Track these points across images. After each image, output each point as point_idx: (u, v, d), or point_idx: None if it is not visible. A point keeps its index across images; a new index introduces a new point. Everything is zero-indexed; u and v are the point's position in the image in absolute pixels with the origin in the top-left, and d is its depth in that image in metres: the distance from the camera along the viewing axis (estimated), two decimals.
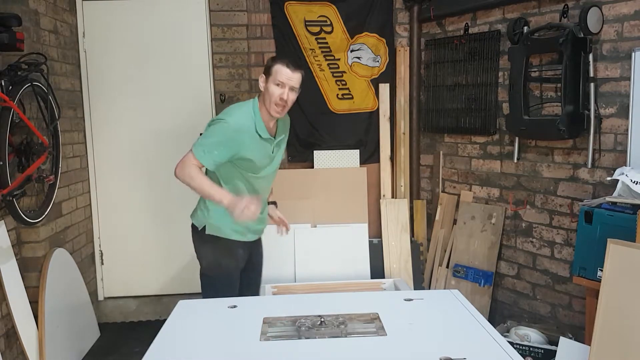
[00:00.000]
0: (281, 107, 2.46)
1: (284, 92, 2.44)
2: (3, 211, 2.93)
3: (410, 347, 1.58)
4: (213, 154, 2.40)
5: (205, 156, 2.40)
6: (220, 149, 2.40)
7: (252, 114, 2.49)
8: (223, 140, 2.41)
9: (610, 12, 2.91)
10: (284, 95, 2.43)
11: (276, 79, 2.44)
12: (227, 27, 4.05)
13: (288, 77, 2.44)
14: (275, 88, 2.44)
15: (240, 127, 2.43)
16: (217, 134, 2.43)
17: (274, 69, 2.46)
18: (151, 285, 4.24)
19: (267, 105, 2.47)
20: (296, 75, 2.46)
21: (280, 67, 2.45)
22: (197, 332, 1.71)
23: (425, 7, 4.03)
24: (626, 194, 2.62)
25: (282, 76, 2.43)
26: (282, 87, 2.44)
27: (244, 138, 2.43)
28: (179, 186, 4.16)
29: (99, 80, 4.06)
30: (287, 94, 2.45)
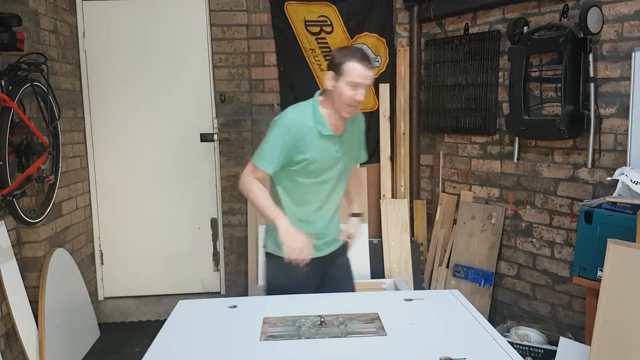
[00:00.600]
0: (354, 107, 2.21)
1: (358, 93, 2.15)
2: (3, 211, 2.93)
3: (410, 347, 1.58)
4: (269, 156, 2.22)
5: (261, 160, 2.23)
6: (276, 149, 2.21)
7: (311, 110, 2.26)
8: (278, 139, 2.21)
9: (610, 12, 2.91)
10: (359, 97, 2.16)
11: (350, 79, 2.14)
12: (227, 27, 4.05)
13: (364, 77, 2.14)
14: (347, 89, 2.15)
15: (295, 123, 2.22)
16: (272, 135, 2.24)
17: (347, 67, 2.14)
18: (151, 285, 4.24)
19: (337, 105, 2.21)
20: (371, 72, 2.17)
21: (354, 65, 2.13)
22: (197, 332, 1.71)
23: (425, 7, 4.03)
24: (626, 194, 2.62)
25: (357, 77, 2.13)
26: (356, 87, 2.15)
27: (301, 134, 2.21)
28: (178, 186, 4.19)
29: (99, 80, 4.06)
30: (363, 94, 2.17)
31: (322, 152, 2.24)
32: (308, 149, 2.21)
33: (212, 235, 4.27)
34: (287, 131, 2.21)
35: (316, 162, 2.24)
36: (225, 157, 4.15)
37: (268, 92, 4.19)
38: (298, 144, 2.20)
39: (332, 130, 2.24)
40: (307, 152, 2.21)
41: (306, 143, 2.21)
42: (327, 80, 2.21)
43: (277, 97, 4.20)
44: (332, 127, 2.24)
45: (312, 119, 2.23)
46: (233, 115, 4.12)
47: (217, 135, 4.14)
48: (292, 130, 2.20)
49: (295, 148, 2.20)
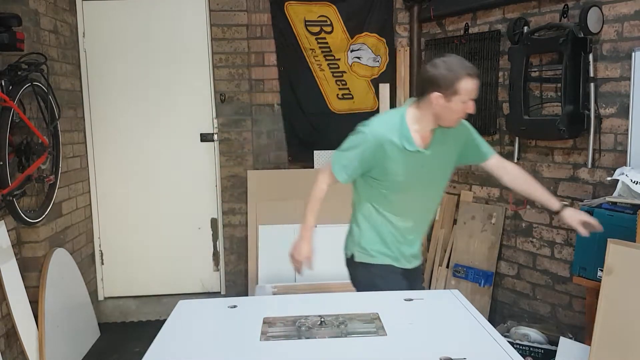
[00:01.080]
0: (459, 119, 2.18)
1: (470, 105, 2.10)
2: (3, 211, 2.93)
3: (410, 347, 1.57)
4: (345, 166, 2.21)
5: (337, 168, 2.23)
6: (355, 160, 2.18)
7: (397, 124, 2.17)
8: (358, 151, 2.17)
9: (610, 12, 2.91)
10: (470, 109, 2.11)
11: (465, 97, 2.07)
12: (227, 27, 4.05)
13: (476, 89, 2.10)
14: (461, 105, 2.09)
15: (380, 137, 2.15)
16: (352, 145, 2.20)
17: (462, 87, 2.05)
18: (151, 285, 4.24)
19: (443, 121, 2.14)
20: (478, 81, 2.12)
21: (468, 82, 2.06)
22: (197, 332, 1.71)
23: (425, 7, 4.03)
24: (626, 194, 2.62)
25: (472, 92, 2.08)
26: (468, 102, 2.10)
27: (384, 149, 2.15)
28: (178, 186, 4.19)
29: (99, 80, 4.06)
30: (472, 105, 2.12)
31: (405, 166, 2.18)
32: (390, 164, 2.16)
33: (212, 235, 4.26)
34: (369, 144, 2.16)
35: (399, 177, 2.19)
36: (225, 157, 4.15)
37: (268, 92, 4.19)
38: (380, 159, 2.16)
39: (418, 146, 2.17)
40: (390, 167, 2.17)
41: (390, 159, 2.16)
42: (436, 102, 2.08)
43: (277, 97, 4.20)
44: (419, 142, 2.17)
45: (397, 133, 2.16)
46: (233, 115, 4.12)
47: (217, 135, 4.14)
48: (375, 144, 2.15)
49: (375, 162, 2.17)
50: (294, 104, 4.19)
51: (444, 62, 2.08)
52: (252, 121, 4.18)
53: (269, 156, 4.24)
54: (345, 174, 2.22)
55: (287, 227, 3.99)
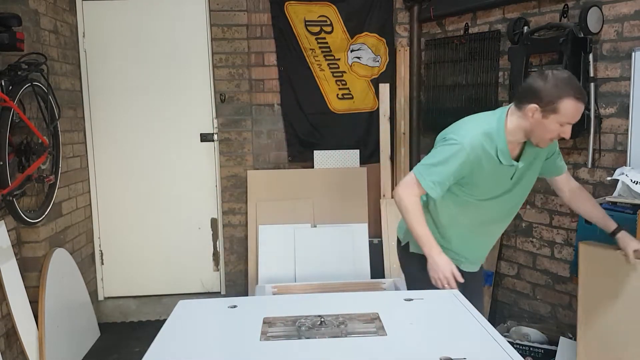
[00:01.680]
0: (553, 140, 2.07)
1: (566, 130, 1.97)
2: (3, 211, 2.93)
3: (410, 347, 1.57)
4: (440, 183, 2.05)
5: (429, 184, 2.05)
6: (450, 175, 2.04)
7: (494, 134, 2.04)
8: (455, 166, 2.03)
9: (610, 12, 2.91)
10: (567, 134, 1.97)
11: (564, 119, 1.94)
12: (227, 27, 4.05)
13: (579, 115, 1.95)
14: (557, 127, 1.96)
15: (478, 149, 2.02)
16: (449, 160, 2.03)
17: (563, 107, 1.92)
18: (151, 285, 4.24)
19: (534, 138, 2.03)
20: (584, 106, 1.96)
21: (571, 103, 1.91)
22: (197, 332, 1.71)
23: (425, 7, 4.03)
24: (626, 193, 2.62)
25: (573, 117, 1.94)
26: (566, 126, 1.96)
27: (480, 161, 2.04)
28: (178, 186, 4.19)
29: (99, 80, 4.06)
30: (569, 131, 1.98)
31: (495, 179, 2.10)
32: (482, 176, 2.08)
33: (212, 235, 4.27)
34: (466, 157, 2.02)
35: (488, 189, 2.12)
36: (225, 157, 4.15)
37: (268, 92, 4.19)
38: (474, 170, 2.06)
39: (512, 159, 2.08)
40: (481, 179, 2.09)
41: (483, 169, 2.06)
42: (531, 113, 1.97)
43: (277, 97, 4.20)
44: (512, 155, 2.08)
45: (494, 145, 2.04)
46: (233, 115, 4.13)
47: (217, 135, 4.14)
48: (472, 156, 2.03)
49: (469, 173, 2.07)
50: (294, 104, 4.19)
51: (554, 76, 1.95)
52: (252, 121, 4.18)
53: (269, 156, 4.24)
54: (441, 189, 2.07)
55: (287, 227, 4.00)
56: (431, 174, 2.05)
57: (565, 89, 1.91)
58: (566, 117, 1.93)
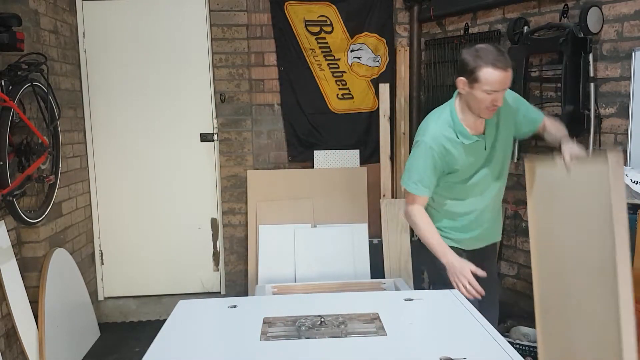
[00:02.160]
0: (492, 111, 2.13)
1: (498, 98, 2.06)
2: (3, 211, 2.93)
3: (410, 347, 1.58)
4: (423, 180, 2.21)
5: (418, 187, 2.22)
6: (427, 172, 2.20)
7: (450, 122, 2.20)
8: (427, 162, 2.19)
9: (610, 12, 2.90)
10: (498, 102, 2.07)
11: (487, 88, 2.04)
12: (227, 27, 4.05)
13: (502, 82, 2.04)
14: (484, 95, 2.06)
15: (438, 140, 2.18)
16: (420, 158, 2.21)
17: (481, 75, 2.03)
18: (151, 285, 4.24)
19: (474, 110, 2.14)
20: (508, 74, 2.04)
21: (489, 72, 2.02)
22: (197, 332, 1.71)
23: (425, 7, 4.03)
24: (626, 193, 2.62)
25: (494, 84, 2.03)
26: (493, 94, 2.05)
27: (446, 149, 2.19)
28: (178, 186, 4.19)
29: (99, 80, 4.06)
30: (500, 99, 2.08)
31: (469, 158, 2.21)
32: (456, 160, 2.20)
33: (212, 235, 4.27)
34: (432, 151, 2.18)
35: (467, 168, 2.23)
36: (225, 157, 4.15)
37: (268, 92, 4.19)
38: (446, 160, 2.19)
39: (474, 135, 2.20)
40: (456, 164, 2.21)
41: (454, 156, 2.19)
42: (459, 86, 2.13)
43: (277, 97, 4.20)
44: (474, 131, 2.20)
45: (452, 130, 2.19)
46: (233, 115, 4.13)
47: (217, 135, 4.14)
48: (437, 149, 2.17)
49: (445, 164, 2.20)
50: (294, 104, 4.19)
51: (476, 48, 2.10)
52: (252, 121, 4.18)
53: (268, 156, 4.24)
54: (423, 186, 2.21)
55: (287, 227, 4.00)
56: (411, 176, 2.23)
57: (484, 58, 2.03)
58: (488, 85, 2.02)
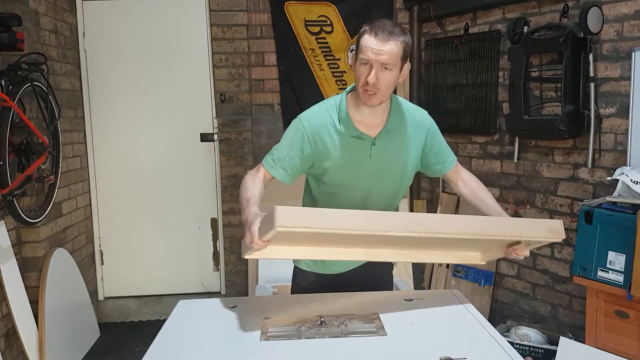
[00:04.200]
0: (370, 94, 1.75)
1: (371, 74, 1.71)
2: (3, 211, 2.93)
3: (411, 347, 1.57)
4: (283, 163, 1.85)
5: (275, 166, 1.87)
6: (291, 153, 1.85)
7: (335, 106, 1.87)
8: (294, 141, 1.86)
9: (610, 12, 2.91)
10: (371, 78, 1.71)
11: (361, 57, 1.73)
12: (227, 27, 4.05)
13: (374, 51, 1.70)
14: (361, 68, 1.74)
15: (315, 121, 1.85)
16: (287, 135, 1.89)
17: (361, 42, 1.74)
18: (151, 285, 4.24)
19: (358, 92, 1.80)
20: (387, 47, 1.70)
21: (366, 37, 1.72)
22: (197, 332, 1.71)
23: (425, 7, 4.03)
24: (626, 193, 2.62)
25: (367, 51, 1.71)
26: (368, 66, 1.72)
27: (321, 136, 1.84)
28: (178, 186, 4.19)
29: (99, 80, 4.06)
30: (375, 76, 1.71)
31: (347, 157, 1.85)
32: (329, 154, 1.84)
33: (212, 235, 4.27)
34: (304, 130, 1.85)
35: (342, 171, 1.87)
36: (225, 157, 4.15)
37: (268, 92, 4.19)
38: (318, 150, 1.84)
39: (360, 130, 1.83)
40: (329, 158, 1.85)
41: (327, 147, 1.84)
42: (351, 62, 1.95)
43: (277, 97, 4.20)
44: (362, 127, 1.84)
45: (336, 116, 1.85)
46: (233, 115, 4.13)
47: (217, 135, 4.14)
48: (309, 131, 1.85)
49: (315, 156, 1.86)
50: (294, 104, 4.19)
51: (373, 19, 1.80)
52: (252, 121, 4.18)
53: None
54: (281, 167, 1.86)
55: None
56: (271, 153, 1.90)
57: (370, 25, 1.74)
58: (362, 52, 1.72)
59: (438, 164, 2.04)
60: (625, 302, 2.56)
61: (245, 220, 1.63)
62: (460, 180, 2.09)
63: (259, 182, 1.86)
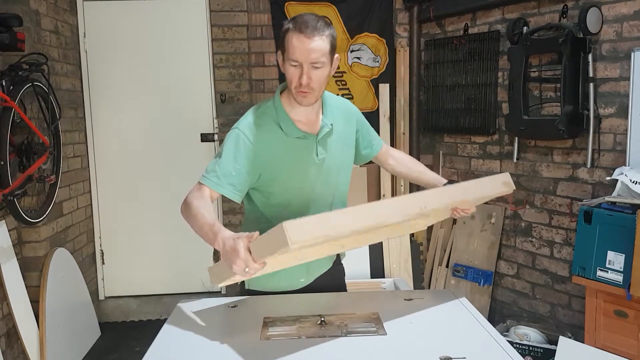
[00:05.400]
0: (304, 93, 1.67)
1: (300, 73, 1.64)
2: (4, 211, 2.94)
3: (410, 346, 1.58)
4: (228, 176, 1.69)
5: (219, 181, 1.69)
6: (237, 166, 1.69)
7: (272, 108, 1.77)
8: (237, 153, 1.70)
9: (609, 12, 2.91)
10: (303, 79, 1.64)
11: (290, 57, 1.64)
12: (227, 27, 4.05)
13: (303, 51, 1.62)
14: (291, 69, 1.66)
15: (256, 131, 1.72)
16: (228, 146, 1.72)
17: (287, 41, 1.65)
18: (152, 285, 4.24)
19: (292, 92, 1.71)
20: (315, 44, 1.62)
21: (293, 36, 1.63)
22: (197, 332, 1.71)
23: (425, 7, 4.04)
24: (625, 193, 2.63)
25: (295, 52, 1.63)
26: (298, 67, 1.65)
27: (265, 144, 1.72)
28: (179, 186, 4.19)
29: (100, 81, 4.07)
30: (307, 75, 1.64)
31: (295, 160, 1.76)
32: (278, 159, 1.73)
33: None
34: (247, 139, 1.71)
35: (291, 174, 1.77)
36: None
37: (268, 92, 4.20)
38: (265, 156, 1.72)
39: (302, 130, 1.75)
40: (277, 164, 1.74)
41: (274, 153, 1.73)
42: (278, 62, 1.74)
43: None
44: (303, 126, 1.76)
45: (274, 121, 1.75)
46: (233, 116, 4.13)
47: (217, 135, 4.14)
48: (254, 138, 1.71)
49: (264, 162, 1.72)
50: None
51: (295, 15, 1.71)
52: None
53: None
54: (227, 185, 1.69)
55: None
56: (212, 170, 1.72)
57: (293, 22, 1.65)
58: (289, 53, 1.63)
59: (367, 149, 2.02)
60: (624, 302, 2.56)
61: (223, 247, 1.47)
62: (391, 159, 2.07)
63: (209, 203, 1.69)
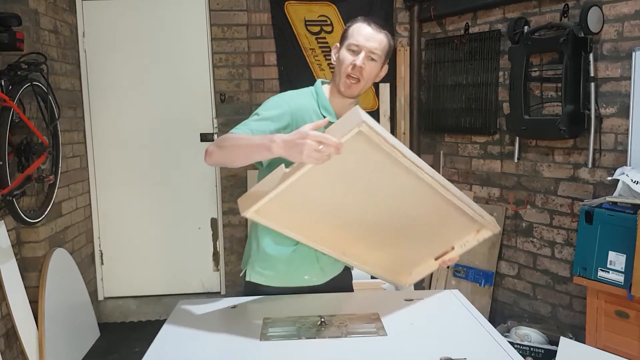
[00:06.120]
0: (354, 80, 1.76)
1: (358, 58, 1.74)
2: (3, 211, 2.93)
3: (411, 347, 1.57)
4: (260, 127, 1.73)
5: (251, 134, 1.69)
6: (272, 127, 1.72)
7: (314, 93, 1.86)
8: (277, 116, 1.75)
9: (610, 11, 2.91)
10: (358, 61, 1.73)
11: (351, 42, 1.76)
12: (227, 26, 4.04)
13: (367, 38, 1.74)
14: (347, 54, 1.76)
15: (298, 103, 1.80)
16: (269, 109, 1.79)
17: (350, 30, 1.78)
18: (151, 285, 4.24)
19: (338, 81, 1.79)
20: (379, 37, 1.76)
21: (358, 25, 1.78)
22: (197, 332, 1.71)
23: (425, 6, 4.03)
24: (627, 193, 2.62)
25: (359, 36, 1.75)
26: (357, 52, 1.75)
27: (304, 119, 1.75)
28: (178, 186, 4.19)
29: (99, 80, 4.06)
30: (364, 62, 1.74)
31: None
32: None
33: (212, 235, 4.26)
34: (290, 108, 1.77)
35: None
36: None
37: (268, 92, 4.19)
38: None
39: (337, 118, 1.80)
40: None
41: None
42: (332, 55, 1.86)
43: None
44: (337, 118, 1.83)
45: (315, 102, 1.84)
46: (233, 115, 4.12)
47: (217, 135, 4.14)
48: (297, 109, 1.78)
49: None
50: None
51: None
52: None
53: None
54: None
55: None
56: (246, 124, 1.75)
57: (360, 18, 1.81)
58: (352, 38, 1.76)
59: None
60: (625, 302, 2.56)
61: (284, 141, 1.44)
62: None
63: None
